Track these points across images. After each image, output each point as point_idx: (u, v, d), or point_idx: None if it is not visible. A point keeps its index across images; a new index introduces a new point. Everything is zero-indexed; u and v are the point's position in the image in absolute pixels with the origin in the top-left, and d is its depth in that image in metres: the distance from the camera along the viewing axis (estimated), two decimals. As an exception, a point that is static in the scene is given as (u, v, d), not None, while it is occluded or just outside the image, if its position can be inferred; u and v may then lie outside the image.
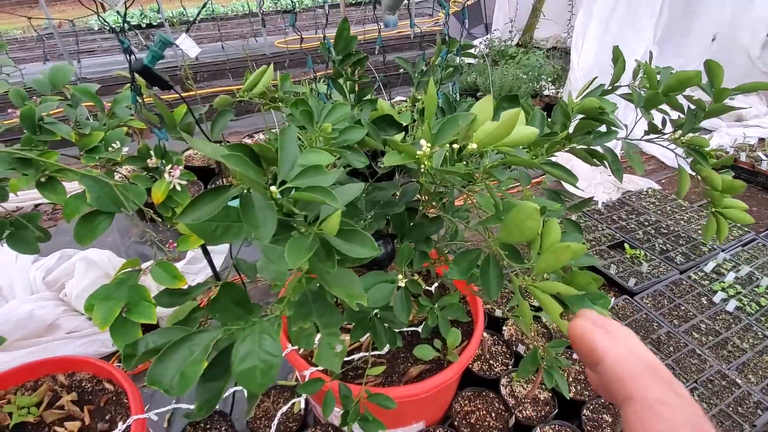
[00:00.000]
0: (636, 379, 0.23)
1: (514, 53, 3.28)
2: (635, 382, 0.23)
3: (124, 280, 0.60)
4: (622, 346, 0.25)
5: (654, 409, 0.21)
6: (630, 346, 0.25)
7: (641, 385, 0.22)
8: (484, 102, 0.53)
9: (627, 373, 0.23)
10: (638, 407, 0.22)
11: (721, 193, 0.85)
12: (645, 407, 0.21)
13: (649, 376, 0.23)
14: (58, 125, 0.74)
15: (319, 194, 0.40)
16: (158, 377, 0.39)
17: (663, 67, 0.86)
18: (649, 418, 0.21)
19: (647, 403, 0.21)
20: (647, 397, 0.22)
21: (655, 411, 0.21)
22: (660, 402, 0.21)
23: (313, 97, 0.75)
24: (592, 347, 0.25)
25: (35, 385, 1.01)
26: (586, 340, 0.26)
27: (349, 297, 0.44)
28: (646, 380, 0.23)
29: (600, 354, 0.25)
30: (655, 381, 0.23)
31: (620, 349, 0.24)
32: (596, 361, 0.25)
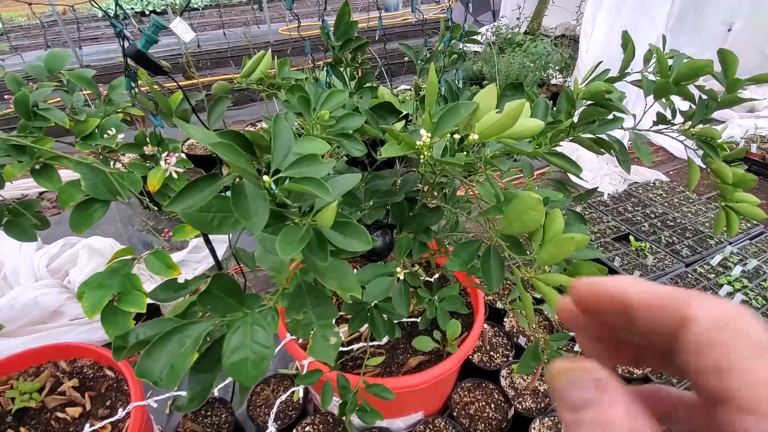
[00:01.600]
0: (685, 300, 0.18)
1: (521, 41, 3.22)
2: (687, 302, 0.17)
3: (118, 269, 0.60)
4: (645, 282, 0.20)
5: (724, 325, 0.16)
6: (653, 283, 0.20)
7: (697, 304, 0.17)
8: (487, 91, 0.51)
9: (671, 299, 0.18)
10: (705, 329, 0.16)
11: (733, 186, 0.82)
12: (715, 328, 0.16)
13: (698, 295, 0.18)
14: (52, 111, 0.73)
15: (312, 186, 0.39)
16: (147, 369, 0.39)
17: (676, 53, 0.83)
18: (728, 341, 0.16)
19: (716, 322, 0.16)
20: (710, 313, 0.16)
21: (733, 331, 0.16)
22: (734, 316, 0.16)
23: (310, 82, 0.73)
24: (611, 293, 0.20)
25: (37, 371, 1.02)
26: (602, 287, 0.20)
27: (343, 289, 0.43)
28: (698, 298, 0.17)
29: (625, 294, 0.19)
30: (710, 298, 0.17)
31: (645, 284, 0.19)
32: (624, 306, 0.19)
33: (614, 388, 0.18)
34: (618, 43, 0.89)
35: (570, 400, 0.19)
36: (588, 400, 0.18)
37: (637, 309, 0.19)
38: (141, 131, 0.79)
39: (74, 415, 0.93)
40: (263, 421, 1.19)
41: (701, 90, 0.82)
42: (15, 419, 0.92)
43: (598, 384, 0.19)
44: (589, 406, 0.18)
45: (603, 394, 0.18)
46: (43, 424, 0.92)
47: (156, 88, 0.76)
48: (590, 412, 0.18)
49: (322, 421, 1.17)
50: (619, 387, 0.19)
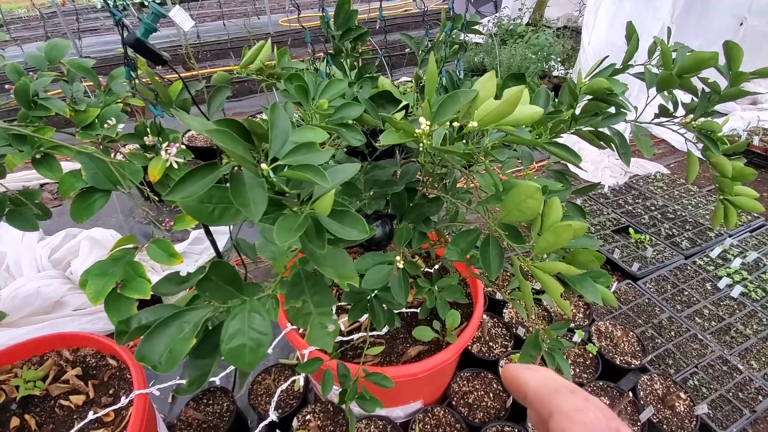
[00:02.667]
0: (555, 396, 0.26)
1: (523, 32, 3.19)
2: (554, 399, 0.26)
3: (120, 257, 0.60)
4: (542, 375, 0.28)
5: (570, 416, 0.24)
6: (550, 374, 0.28)
7: (560, 400, 0.25)
8: (486, 78, 0.51)
9: (547, 394, 0.26)
10: (557, 418, 0.25)
11: (732, 180, 0.82)
12: (563, 416, 0.24)
13: (566, 393, 0.26)
14: (52, 101, 0.73)
15: (310, 173, 0.39)
16: (147, 353, 0.39)
17: (680, 45, 0.82)
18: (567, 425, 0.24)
19: (564, 413, 0.25)
20: (564, 408, 0.25)
21: (571, 418, 0.24)
22: (576, 410, 0.25)
23: (309, 72, 0.73)
24: (518, 382, 0.28)
25: (41, 359, 1.03)
26: (514, 376, 0.29)
27: (340, 277, 0.43)
28: (564, 396, 0.26)
29: (525, 385, 0.28)
30: (572, 396, 0.26)
31: (540, 376, 0.28)
32: (524, 393, 0.28)
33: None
34: (621, 35, 0.88)
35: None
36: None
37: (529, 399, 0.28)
38: (141, 121, 0.79)
39: (78, 402, 0.95)
40: (264, 410, 1.20)
41: (705, 83, 0.81)
42: (20, 407, 0.93)
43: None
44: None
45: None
46: (47, 412, 0.93)
47: (156, 78, 0.76)
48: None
49: (322, 410, 1.18)
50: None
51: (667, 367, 1.39)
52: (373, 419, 1.14)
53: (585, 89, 0.73)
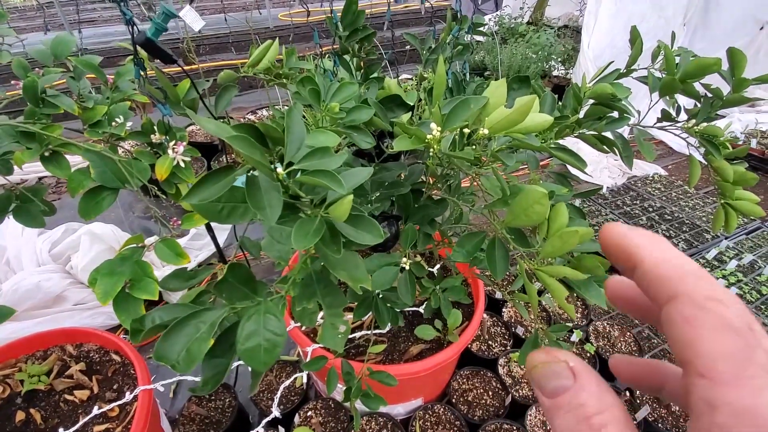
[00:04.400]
0: (681, 278, 0.20)
1: (524, 31, 3.20)
2: (680, 280, 0.20)
3: (128, 256, 0.61)
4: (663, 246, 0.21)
5: (704, 306, 0.18)
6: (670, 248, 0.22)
7: (687, 283, 0.19)
8: (497, 86, 0.51)
9: (670, 273, 0.20)
10: (683, 306, 0.19)
11: (733, 184, 0.84)
12: (692, 305, 0.18)
13: (694, 275, 0.20)
14: (61, 98, 0.73)
15: (326, 179, 0.40)
16: (165, 353, 0.40)
17: (683, 50, 0.83)
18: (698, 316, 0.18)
19: (695, 300, 0.19)
20: (695, 294, 0.19)
21: (705, 308, 0.18)
22: (709, 298, 0.18)
23: (319, 74, 0.73)
24: (628, 248, 0.22)
25: (44, 354, 1.04)
26: (623, 240, 0.22)
27: (353, 280, 0.44)
28: (692, 278, 0.19)
29: (639, 255, 0.21)
30: (703, 278, 0.19)
31: (661, 247, 0.21)
32: (634, 264, 0.21)
33: (585, 374, 0.21)
34: (621, 36, 0.89)
35: (548, 388, 0.21)
36: (564, 387, 0.21)
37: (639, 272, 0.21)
38: (147, 119, 0.79)
39: (82, 397, 0.95)
40: (266, 406, 1.22)
41: (707, 88, 0.82)
42: (25, 401, 0.94)
43: (572, 371, 0.21)
44: (565, 391, 0.20)
45: (576, 381, 0.21)
46: (52, 406, 0.94)
47: (164, 77, 0.76)
48: (566, 397, 0.20)
49: (323, 406, 1.19)
50: (590, 372, 0.21)
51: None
52: (374, 416, 1.16)
53: (589, 94, 0.74)
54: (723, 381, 0.16)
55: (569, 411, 0.20)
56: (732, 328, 0.17)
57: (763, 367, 0.16)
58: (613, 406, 0.20)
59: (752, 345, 0.17)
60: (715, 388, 0.17)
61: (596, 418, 0.19)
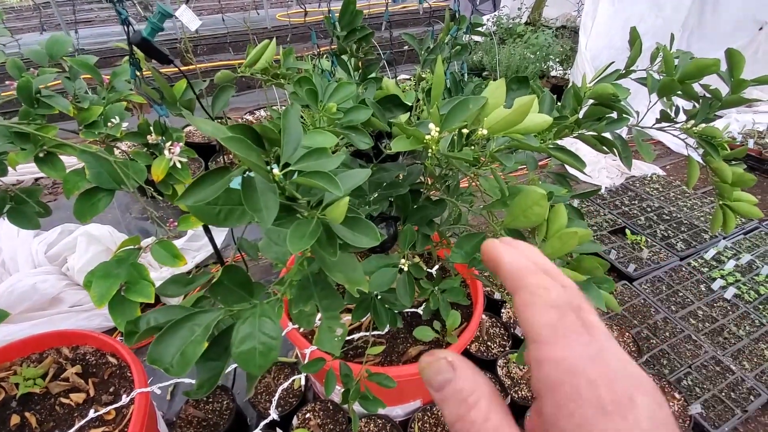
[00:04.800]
0: (522, 274, 0.24)
1: (522, 32, 3.20)
2: (522, 276, 0.24)
3: (124, 258, 0.60)
4: (521, 252, 0.26)
5: (534, 293, 0.23)
6: (529, 253, 0.26)
7: (525, 277, 0.24)
8: (496, 86, 0.51)
9: (516, 271, 0.24)
10: (522, 294, 0.23)
11: (731, 185, 0.83)
12: (527, 293, 0.23)
13: (531, 272, 0.24)
14: (56, 98, 0.72)
15: (322, 181, 0.39)
16: (159, 356, 0.39)
17: (681, 51, 0.83)
18: (531, 300, 0.22)
19: (529, 288, 0.23)
20: (530, 286, 0.23)
21: (535, 294, 0.23)
22: (539, 286, 0.23)
23: (317, 74, 0.73)
24: (494, 256, 0.26)
25: (40, 357, 1.03)
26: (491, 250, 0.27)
27: (350, 283, 0.43)
28: (529, 274, 0.24)
29: (498, 259, 0.26)
30: (535, 274, 0.24)
31: (517, 254, 0.26)
32: (497, 267, 0.26)
33: (461, 364, 0.24)
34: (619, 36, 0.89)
35: (435, 383, 0.24)
36: (446, 380, 0.24)
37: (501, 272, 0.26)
38: (144, 119, 0.78)
39: (78, 400, 0.95)
40: (264, 408, 1.21)
41: (706, 89, 0.82)
42: (20, 404, 0.93)
43: (451, 365, 0.24)
44: (448, 383, 0.24)
45: (455, 371, 0.24)
46: (47, 410, 0.93)
47: (160, 77, 0.75)
48: (449, 388, 0.24)
49: (322, 408, 1.19)
50: (465, 362, 0.25)
51: (661, 367, 1.42)
52: (372, 418, 1.15)
53: (590, 94, 0.74)
54: (544, 342, 0.21)
55: (452, 398, 0.23)
56: (552, 305, 0.22)
57: (570, 329, 0.22)
58: (482, 384, 0.24)
59: (564, 314, 0.22)
60: (540, 349, 0.21)
61: (471, 397, 0.23)
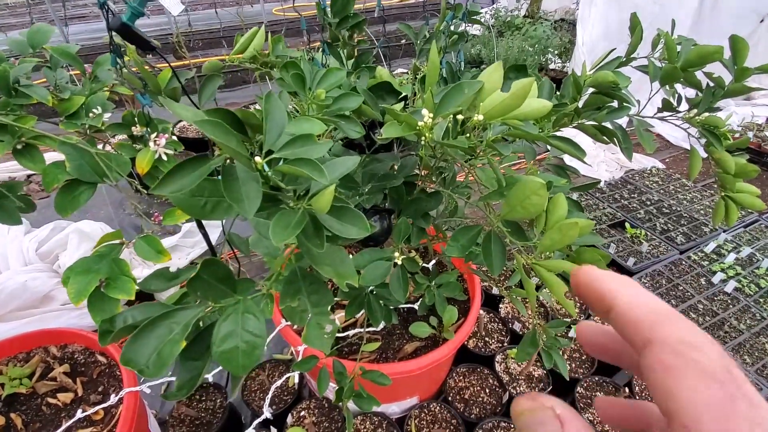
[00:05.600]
0: (654, 321, 0.19)
1: (520, 24, 3.16)
2: (654, 324, 0.19)
3: (106, 254, 0.58)
4: (635, 290, 0.21)
5: (678, 350, 0.18)
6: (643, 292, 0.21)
7: (662, 326, 0.19)
8: (492, 69, 0.48)
9: (644, 316, 0.20)
10: (659, 350, 0.18)
11: (734, 176, 0.81)
12: (667, 350, 0.18)
13: (667, 317, 0.19)
14: (34, 88, 0.69)
15: (307, 168, 0.37)
16: (133, 356, 0.37)
17: (683, 38, 0.80)
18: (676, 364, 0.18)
19: (670, 345, 0.18)
20: (669, 339, 0.18)
21: (681, 354, 0.18)
22: (683, 342, 0.18)
23: (305, 60, 0.70)
24: (601, 291, 0.22)
25: (27, 356, 1.01)
26: (595, 283, 0.22)
27: (339, 277, 0.41)
28: (665, 321, 0.19)
29: (611, 297, 0.21)
30: (677, 322, 0.19)
31: (634, 291, 0.21)
32: (607, 307, 0.21)
33: (572, 420, 0.20)
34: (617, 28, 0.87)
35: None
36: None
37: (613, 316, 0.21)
38: (129, 111, 0.75)
39: (66, 400, 0.92)
40: (258, 406, 1.19)
41: (709, 77, 0.80)
42: (5, 405, 0.91)
43: (558, 419, 0.21)
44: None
45: (563, 428, 0.20)
46: (33, 410, 0.91)
47: (143, 66, 0.73)
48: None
49: (317, 406, 1.17)
50: (577, 418, 0.21)
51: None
52: (368, 415, 1.13)
53: (590, 82, 0.71)
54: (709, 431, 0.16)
55: None
56: (711, 376, 0.17)
57: (745, 418, 0.16)
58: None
59: (733, 394, 0.17)
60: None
61: None
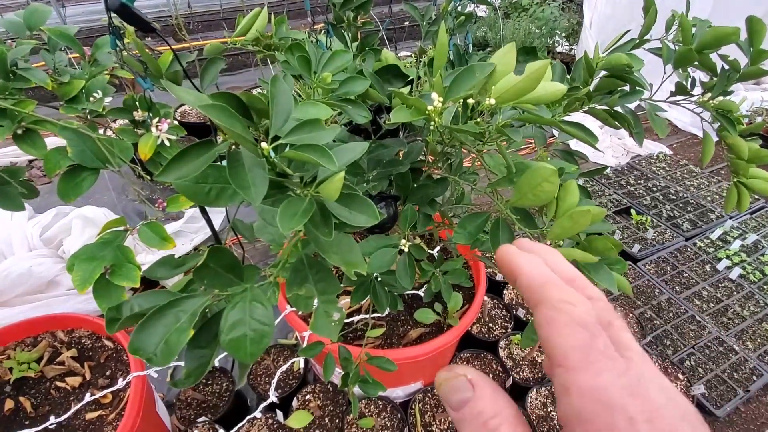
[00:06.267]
0: (543, 286, 0.22)
1: (527, 5, 3.08)
2: (543, 288, 0.22)
3: (110, 240, 0.57)
4: (541, 260, 0.24)
5: (557, 307, 0.21)
6: (551, 259, 0.24)
7: (547, 290, 0.22)
8: (505, 51, 0.47)
9: (536, 283, 0.23)
10: (543, 309, 0.21)
11: (747, 162, 0.79)
12: (549, 307, 0.21)
13: (553, 284, 0.22)
14: (32, 71, 0.68)
15: (315, 154, 0.36)
16: (141, 345, 0.36)
17: (698, 20, 0.78)
18: (554, 316, 0.21)
19: (551, 302, 0.21)
20: (552, 298, 0.21)
21: (558, 309, 0.21)
22: (562, 301, 0.21)
23: (310, 42, 0.68)
24: (510, 266, 0.24)
25: (35, 341, 1.01)
26: (506, 258, 0.25)
27: (347, 265, 0.40)
28: (551, 286, 0.22)
29: (518, 270, 0.24)
30: (558, 286, 0.22)
31: (537, 263, 0.23)
32: (514, 278, 0.24)
33: (481, 383, 0.23)
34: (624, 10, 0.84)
35: (453, 401, 0.23)
36: (465, 399, 0.22)
37: (518, 283, 0.24)
38: (130, 95, 0.74)
39: (74, 384, 0.93)
40: (264, 390, 1.20)
41: (725, 60, 0.77)
42: (14, 389, 0.92)
43: (470, 383, 0.23)
44: (467, 403, 0.22)
45: (474, 390, 0.23)
46: (42, 394, 0.92)
47: (144, 49, 0.71)
48: (467, 409, 0.22)
49: (322, 390, 1.18)
50: (486, 380, 0.23)
51: (665, 348, 1.40)
52: (372, 399, 1.15)
53: (602, 65, 0.69)
54: (572, 367, 0.19)
55: (471, 420, 0.22)
56: (579, 323, 0.20)
57: (602, 353, 0.19)
58: (505, 407, 0.22)
59: (595, 335, 0.20)
60: (567, 374, 0.19)
61: (492, 421, 0.21)
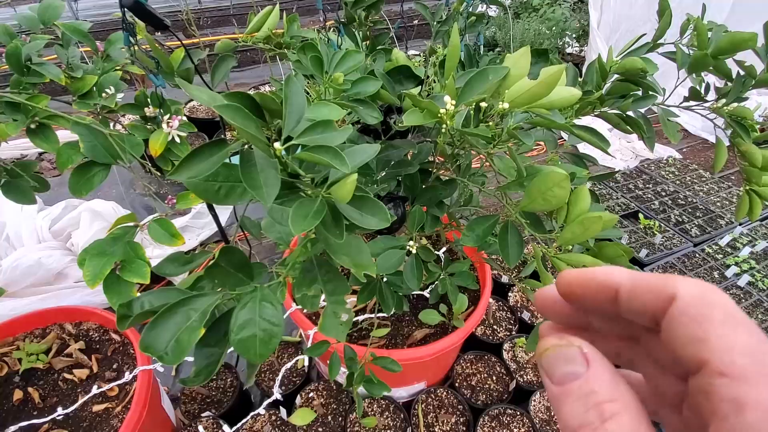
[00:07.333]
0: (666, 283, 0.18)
1: (538, 5, 3.06)
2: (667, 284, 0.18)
3: (120, 236, 0.57)
4: (624, 269, 0.20)
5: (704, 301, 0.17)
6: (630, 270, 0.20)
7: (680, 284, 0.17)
8: (519, 55, 0.46)
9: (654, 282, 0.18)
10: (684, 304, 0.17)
11: (760, 170, 0.78)
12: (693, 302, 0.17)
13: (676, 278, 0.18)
14: (46, 66, 0.69)
15: (328, 156, 0.36)
16: (152, 342, 0.37)
17: (714, 24, 0.77)
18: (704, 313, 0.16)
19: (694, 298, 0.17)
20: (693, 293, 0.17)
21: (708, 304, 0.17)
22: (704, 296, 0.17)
23: (323, 42, 0.68)
24: (600, 282, 0.20)
25: (43, 332, 1.03)
26: (592, 278, 0.21)
27: (357, 266, 0.40)
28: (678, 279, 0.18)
29: (613, 282, 0.20)
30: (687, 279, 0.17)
31: (625, 271, 0.20)
32: (612, 292, 0.20)
33: (600, 361, 0.19)
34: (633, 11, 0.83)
35: (558, 374, 0.20)
36: (575, 374, 0.19)
37: (623, 293, 0.20)
38: (141, 91, 0.74)
39: (81, 376, 0.94)
40: (268, 386, 1.21)
41: (740, 65, 0.76)
42: (23, 379, 0.93)
43: (585, 358, 0.19)
44: (576, 378, 0.19)
45: (589, 368, 0.19)
46: (50, 385, 0.93)
47: (156, 45, 0.71)
48: (576, 384, 0.19)
49: (325, 388, 1.18)
50: (605, 361, 0.19)
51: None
52: (376, 399, 1.15)
53: (616, 68, 0.69)
54: (745, 378, 0.15)
55: (579, 398, 0.18)
56: (740, 321, 0.16)
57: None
58: (626, 394, 0.18)
59: (763, 339, 0.16)
60: (739, 386, 0.15)
61: (608, 405, 0.18)
